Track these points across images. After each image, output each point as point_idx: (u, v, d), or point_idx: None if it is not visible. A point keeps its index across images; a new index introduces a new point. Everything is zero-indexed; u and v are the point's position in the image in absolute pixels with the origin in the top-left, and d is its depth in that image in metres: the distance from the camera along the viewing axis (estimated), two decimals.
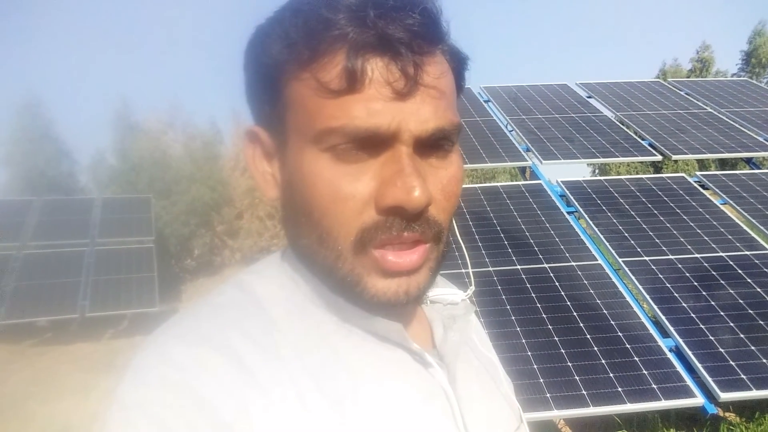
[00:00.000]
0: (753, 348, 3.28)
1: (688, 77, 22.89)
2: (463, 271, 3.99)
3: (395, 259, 0.50)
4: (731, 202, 4.84)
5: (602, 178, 5.44)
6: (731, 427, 3.36)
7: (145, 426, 0.42)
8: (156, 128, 14.59)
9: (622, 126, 6.27)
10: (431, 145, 0.50)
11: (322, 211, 0.49)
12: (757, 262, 4.04)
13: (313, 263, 0.54)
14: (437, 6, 0.50)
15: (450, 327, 0.61)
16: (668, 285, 3.84)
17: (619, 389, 3.06)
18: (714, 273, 3.94)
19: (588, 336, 3.43)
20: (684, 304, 3.66)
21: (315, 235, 0.51)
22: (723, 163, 15.79)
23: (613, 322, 3.54)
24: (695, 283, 3.85)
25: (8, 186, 13.99)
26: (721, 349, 3.29)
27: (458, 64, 0.55)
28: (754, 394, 3.04)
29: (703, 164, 13.44)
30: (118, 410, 0.44)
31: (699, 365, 3.20)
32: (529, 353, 3.31)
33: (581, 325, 3.52)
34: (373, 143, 0.48)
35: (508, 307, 3.67)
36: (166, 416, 0.43)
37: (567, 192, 5.02)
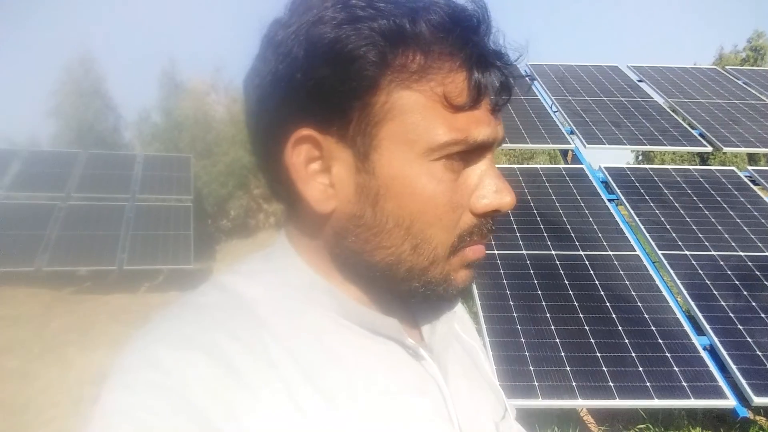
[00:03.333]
0: None
1: (742, 65, 21.89)
2: (495, 252, 3.95)
3: (476, 249, 0.54)
4: None
5: (647, 166, 5.27)
6: (761, 431, 3.28)
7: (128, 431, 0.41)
8: (200, 89, 14.74)
9: (672, 113, 6.04)
10: None
11: (428, 220, 0.50)
12: None
13: (393, 272, 0.52)
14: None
15: (437, 319, 0.62)
16: (707, 282, 3.73)
17: (648, 384, 3.01)
18: (757, 273, 3.80)
19: (620, 327, 3.37)
20: (722, 303, 3.56)
21: (409, 245, 0.51)
22: None
23: (646, 316, 3.47)
24: (736, 282, 3.72)
25: (57, 138, 14.40)
26: (758, 352, 3.19)
27: None
28: None
29: (752, 158, 12.92)
30: (100, 415, 0.43)
31: (733, 366, 3.11)
32: (558, 340, 3.27)
33: (613, 316, 3.46)
34: (473, 153, 0.51)
35: (540, 292, 3.62)
36: (150, 421, 0.42)
37: (609, 178, 4.89)
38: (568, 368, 3.10)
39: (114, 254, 7.94)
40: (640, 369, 3.10)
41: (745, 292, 3.63)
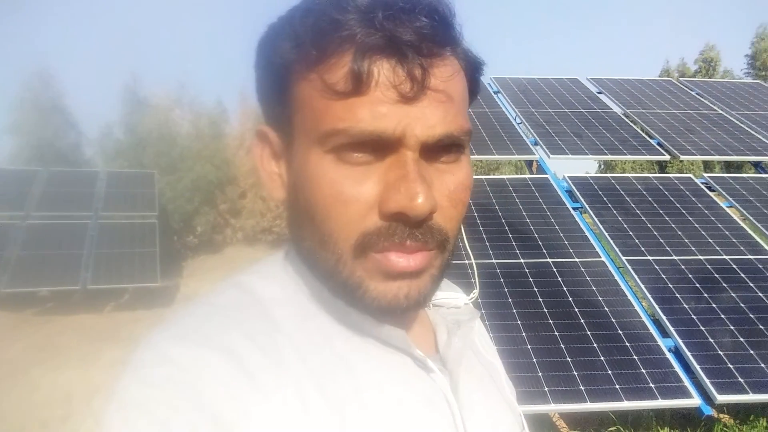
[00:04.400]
0: (752, 352, 3.31)
1: (694, 77, 22.72)
2: (467, 261, 4.02)
3: (397, 260, 0.49)
4: (737, 205, 4.84)
5: (609, 175, 5.44)
6: (725, 429, 3.40)
7: (145, 425, 0.42)
8: (164, 104, 14.53)
9: (631, 123, 6.25)
10: (439, 149, 0.49)
11: (324, 213, 0.49)
12: (760, 266, 4.05)
13: (315, 266, 0.53)
14: (449, 8, 0.49)
15: (454, 332, 0.60)
16: (670, 285, 3.86)
17: (617, 386, 3.09)
18: (716, 275, 3.95)
19: (588, 332, 3.46)
20: (685, 305, 3.69)
21: (317, 238, 0.50)
22: (728, 165, 15.74)
23: (613, 320, 3.57)
24: (697, 285, 3.87)
25: (16, 155, 13.98)
26: (720, 352, 3.32)
27: (472, 68, 0.54)
28: (751, 397, 3.07)
29: (707, 165, 13.40)
30: (117, 409, 0.43)
31: (697, 366, 3.23)
32: (529, 347, 3.34)
33: (582, 321, 3.55)
34: (378, 146, 0.47)
35: (510, 300, 3.69)
36: (167, 416, 0.42)
37: (573, 187, 5.02)
38: (540, 374, 3.17)
39: (77, 273, 7.74)
40: (609, 372, 3.19)
41: (705, 294, 3.77)
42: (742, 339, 3.40)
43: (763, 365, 3.23)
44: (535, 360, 3.26)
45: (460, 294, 0.68)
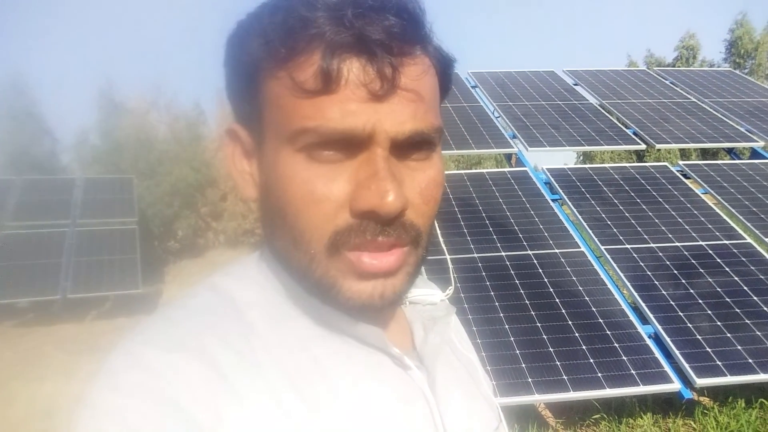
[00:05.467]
0: (729, 335, 3.37)
1: (674, 65, 23.00)
2: (444, 257, 4.03)
3: (371, 261, 0.49)
4: (712, 191, 4.92)
5: (587, 166, 5.49)
6: (705, 411, 3.45)
7: None
8: (140, 108, 14.38)
9: (607, 114, 6.32)
10: (410, 147, 0.49)
11: (295, 212, 0.49)
12: (735, 251, 4.13)
13: (289, 265, 0.53)
14: (419, 6, 0.49)
15: (430, 329, 0.60)
16: (649, 273, 3.92)
17: (599, 375, 3.13)
18: (693, 261, 4.02)
19: (570, 322, 3.49)
20: (663, 292, 3.74)
21: (289, 237, 0.50)
22: (704, 153, 15.98)
23: (594, 309, 3.61)
24: (675, 271, 3.93)
25: None
26: (698, 336, 3.37)
27: (443, 66, 0.54)
28: (729, 380, 3.13)
29: (684, 153, 13.59)
30: (87, 416, 0.43)
31: (677, 351, 3.28)
32: (512, 339, 3.36)
33: (563, 311, 3.58)
34: (348, 144, 0.47)
35: (492, 293, 3.72)
36: (137, 423, 0.41)
37: (552, 179, 5.06)
38: (523, 365, 3.19)
39: (57, 283, 7.62)
40: (591, 361, 3.22)
41: (683, 281, 3.83)
42: (719, 323, 3.46)
43: (740, 348, 3.29)
44: (518, 352, 3.28)
45: (435, 290, 0.68)
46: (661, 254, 4.10)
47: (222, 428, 0.43)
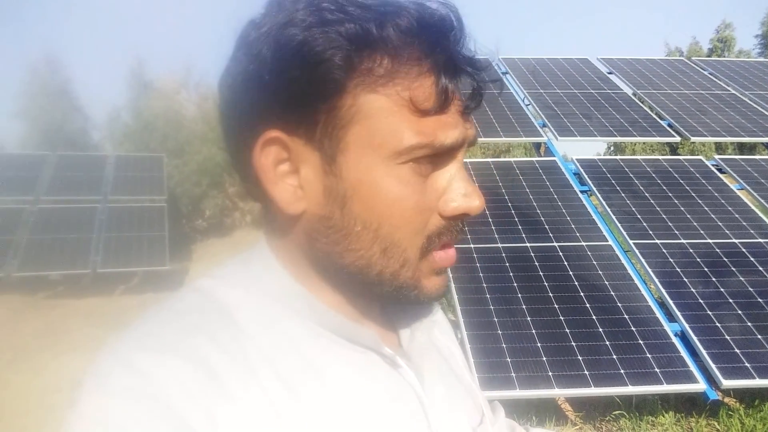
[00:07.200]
0: (759, 336, 3.28)
1: (709, 56, 22.29)
2: (471, 246, 3.99)
3: (447, 256, 0.55)
4: (748, 187, 4.76)
5: (618, 157, 5.37)
6: (730, 413, 3.38)
7: None
8: (170, 87, 14.52)
9: (641, 104, 6.15)
10: None
11: (396, 223, 0.51)
12: None
13: (362, 275, 0.53)
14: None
15: (417, 327, 0.63)
16: (678, 269, 3.82)
17: (622, 371, 3.08)
18: (725, 259, 3.91)
19: (594, 317, 3.43)
20: (692, 289, 3.65)
21: (378, 248, 0.52)
22: (741, 147, 15.51)
23: (619, 304, 3.54)
24: (705, 269, 3.82)
25: (24, 140, 14.07)
26: (726, 336, 3.29)
27: None
28: (757, 382, 3.05)
29: (719, 147, 13.21)
30: (78, 420, 0.43)
31: (703, 351, 3.20)
32: (534, 331, 3.33)
33: (587, 305, 3.52)
34: (442, 156, 0.52)
35: (515, 284, 3.67)
36: (129, 427, 0.41)
37: (581, 170, 4.97)
38: (544, 358, 3.16)
39: (87, 257, 7.80)
40: (614, 357, 3.17)
41: (713, 279, 3.73)
42: (749, 323, 3.37)
43: None
44: (539, 344, 3.25)
45: None
46: (691, 251, 3.99)
47: (214, 429, 0.43)
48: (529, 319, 3.40)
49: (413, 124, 0.49)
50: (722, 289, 3.63)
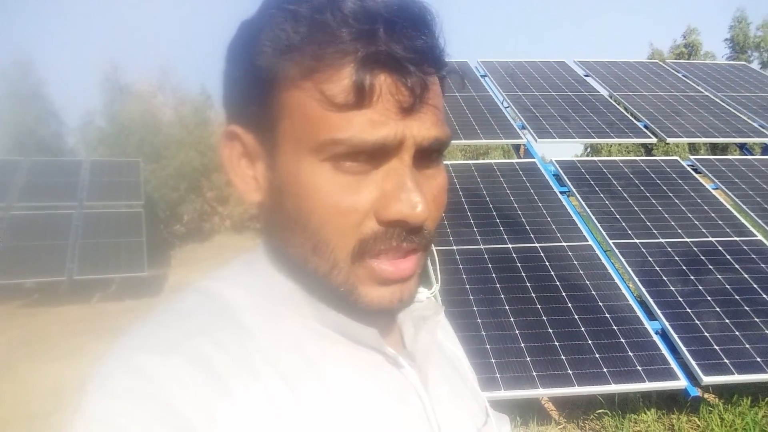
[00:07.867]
0: (737, 333, 3.35)
1: (677, 60, 22.76)
2: (454, 248, 4.01)
3: (390, 268, 0.51)
4: (723, 187, 4.87)
5: (596, 158, 5.44)
6: (710, 408, 3.44)
7: None
8: (146, 91, 14.36)
9: (617, 106, 6.25)
10: (426, 155, 0.51)
11: (320, 221, 0.49)
12: (745, 248, 4.09)
13: (303, 271, 0.53)
14: (440, 25, 0.51)
15: (420, 327, 0.62)
16: (657, 268, 3.89)
17: (605, 370, 3.11)
18: (702, 257, 3.98)
19: (576, 316, 3.47)
20: (672, 288, 3.71)
21: (309, 244, 0.51)
22: (714, 148, 15.84)
23: (601, 304, 3.59)
24: (683, 267, 3.89)
25: None
26: (706, 333, 3.35)
27: (444, 80, 0.56)
28: (736, 378, 3.11)
29: (693, 147, 13.47)
30: (80, 422, 0.42)
31: (683, 348, 3.26)
32: (517, 332, 3.35)
33: (569, 305, 3.56)
34: (375, 155, 0.48)
35: (498, 285, 3.70)
36: (131, 429, 0.41)
37: (560, 171, 5.02)
38: (528, 359, 3.18)
39: (63, 264, 7.65)
40: (597, 356, 3.21)
41: (692, 277, 3.80)
42: (727, 320, 3.43)
43: (748, 346, 3.26)
44: (523, 345, 3.27)
45: (421, 288, 0.68)
46: (669, 250, 4.06)
47: (215, 429, 0.43)
48: (512, 319, 3.43)
49: (328, 120, 0.47)
50: (700, 287, 3.70)
